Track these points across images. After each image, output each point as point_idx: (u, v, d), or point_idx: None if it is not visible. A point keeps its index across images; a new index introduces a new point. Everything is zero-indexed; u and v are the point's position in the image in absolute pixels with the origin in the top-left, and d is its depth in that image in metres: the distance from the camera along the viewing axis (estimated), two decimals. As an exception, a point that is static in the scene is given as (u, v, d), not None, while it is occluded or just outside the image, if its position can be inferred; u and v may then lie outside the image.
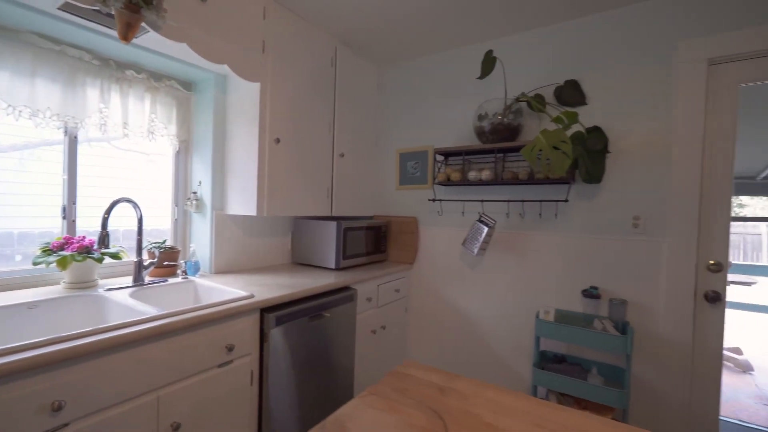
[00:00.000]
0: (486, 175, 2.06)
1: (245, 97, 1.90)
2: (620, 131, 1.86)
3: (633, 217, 1.83)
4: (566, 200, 1.93)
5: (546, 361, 1.98)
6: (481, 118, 2.06)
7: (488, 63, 1.93)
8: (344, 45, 2.34)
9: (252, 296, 1.51)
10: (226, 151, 2.01)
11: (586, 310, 1.94)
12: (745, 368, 3.09)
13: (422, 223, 2.51)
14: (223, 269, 2.01)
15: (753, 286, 3.24)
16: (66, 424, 0.96)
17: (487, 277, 2.25)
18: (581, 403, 1.79)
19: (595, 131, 1.84)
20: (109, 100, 1.70)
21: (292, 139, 2.00)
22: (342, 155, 2.33)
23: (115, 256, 1.60)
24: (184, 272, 1.80)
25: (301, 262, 2.36)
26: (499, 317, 2.21)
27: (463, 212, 2.31)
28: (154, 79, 1.86)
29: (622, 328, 1.77)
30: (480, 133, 2.08)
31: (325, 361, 1.82)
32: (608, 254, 1.89)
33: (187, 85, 2.03)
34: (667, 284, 1.75)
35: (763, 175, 3.36)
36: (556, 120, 1.59)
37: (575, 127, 1.87)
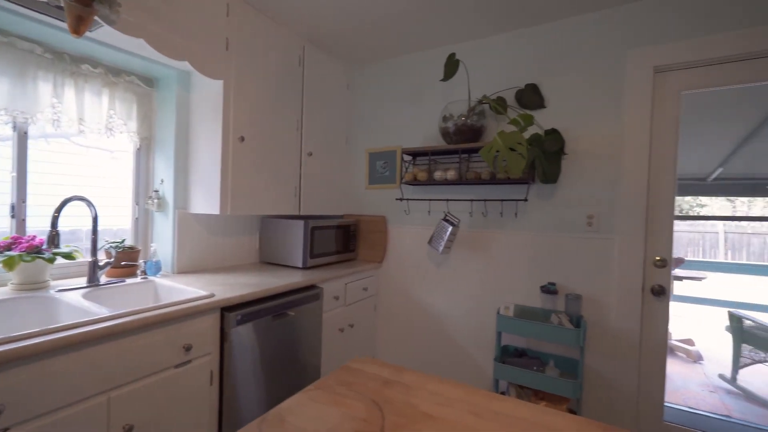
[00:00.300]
0: (451, 174, 2.11)
1: (209, 94, 1.88)
2: (576, 134, 1.95)
3: (587, 215, 1.92)
4: (525, 200, 2.01)
5: (508, 355, 2.05)
6: (445, 119, 2.11)
7: (451, 66, 1.98)
8: (312, 44, 2.34)
9: (212, 295, 1.49)
10: (189, 149, 1.98)
11: (545, 305, 2.02)
12: (696, 358, 3.28)
13: (391, 222, 2.55)
14: (186, 269, 1.98)
15: (703, 280, 3.45)
16: (6, 429, 0.93)
17: (453, 275, 2.30)
18: (539, 394, 1.87)
19: (553, 133, 1.92)
20: (63, 94, 1.64)
21: (257, 138, 1.99)
22: (310, 154, 2.33)
23: (68, 256, 1.55)
24: (144, 272, 1.76)
25: (269, 261, 2.35)
26: (464, 314, 2.27)
27: (429, 211, 2.36)
28: (113, 74, 1.81)
29: (577, 321, 1.86)
30: (445, 134, 2.13)
31: (290, 359, 1.82)
32: (565, 251, 1.98)
33: (149, 81, 1.98)
34: (618, 279, 1.85)
35: (713, 176, 3.58)
36: (513, 122, 1.66)
37: (534, 129, 1.95)
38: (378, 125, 2.61)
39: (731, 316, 2.74)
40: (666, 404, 1.93)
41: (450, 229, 2.10)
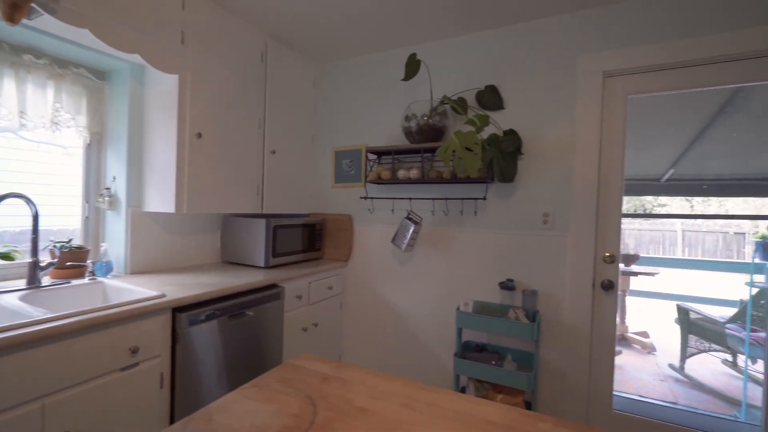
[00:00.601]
0: (414, 174, 2.14)
1: (164, 89, 1.82)
2: (533, 135, 2.02)
3: (543, 214, 1.99)
4: (484, 198, 2.06)
5: (469, 350, 2.09)
6: (408, 119, 2.13)
7: (412, 66, 2.00)
8: (276, 40, 2.31)
9: (162, 296, 1.45)
10: (144, 145, 1.91)
11: (504, 301, 2.08)
12: (650, 349, 3.46)
13: (357, 221, 2.55)
14: (141, 269, 1.91)
15: (656, 276, 3.65)
16: None
17: (417, 273, 2.33)
18: (497, 388, 1.92)
19: (511, 134, 1.98)
20: (1, 86, 1.55)
21: (216, 135, 1.95)
22: (273, 152, 2.30)
23: (6, 256, 1.46)
24: (92, 273, 1.69)
25: (230, 260, 2.30)
26: (428, 311, 2.30)
27: (393, 210, 2.38)
28: (59, 65, 1.72)
29: (533, 316, 1.92)
30: (408, 133, 2.15)
31: (250, 359, 1.79)
32: (523, 248, 2.04)
33: (99, 74, 1.90)
34: (571, 275, 1.93)
35: (666, 177, 3.78)
36: (470, 122, 1.70)
37: (492, 129, 2.00)
38: (344, 124, 2.61)
39: (679, 308, 2.90)
40: (616, 393, 2.03)
41: (412, 227, 2.12)
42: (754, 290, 2.28)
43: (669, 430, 1.81)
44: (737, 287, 2.96)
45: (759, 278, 2.34)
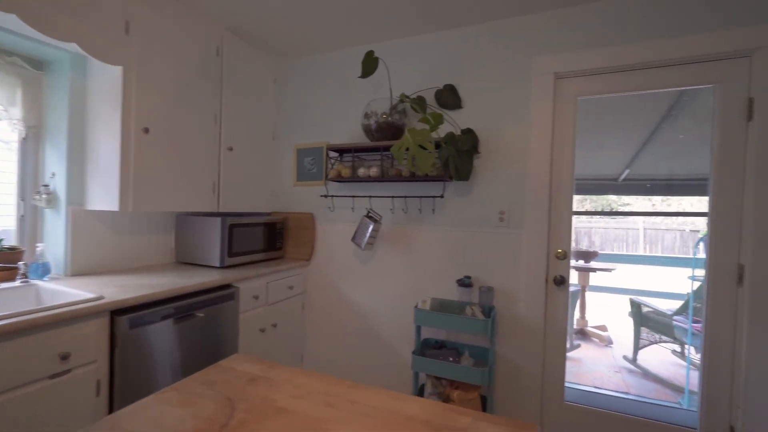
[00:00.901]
0: (374, 172, 2.13)
1: (107, 81, 1.74)
2: (490, 134, 2.05)
3: (499, 212, 2.03)
4: (442, 196, 2.07)
5: (428, 348, 2.11)
6: (367, 116, 2.12)
7: (369, 63, 1.99)
8: (233, 34, 2.25)
9: (100, 298, 1.38)
10: (86, 139, 1.82)
11: (462, 298, 2.10)
12: (608, 342, 3.60)
13: (319, 220, 2.52)
14: (83, 271, 1.82)
15: (613, 271, 3.80)
16: None
17: (378, 272, 2.33)
18: (454, 384, 1.94)
19: (468, 133, 2.01)
20: None
21: (166, 130, 1.87)
22: (230, 149, 2.23)
23: None
24: (25, 275, 1.59)
25: (185, 261, 2.22)
26: (389, 309, 2.30)
27: (353, 208, 2.36)
28: (-12, 53, 1.61)
29: (489, 312, 1.95)
30: (367, 131, 2.14)
31: (202, 362, 1.73)
32: (480, 246, 2.07)
33: (37, 64, 1.79)
34: (526, 271, 1.97)
35: (623, 177, 3.94)
36: (424, 120, 1.70)
37: (449, 128, 2.02)
38: (307, 121, 2.57)
39: (632, 302, 3.03)
40: (569, 386, 2.09)
41: (372, 225, 2.12)
42: (696, 284, 2.41)
43: (616, 419, 1.89)
44: (685, 281, 3.12)
45: (701, 272, 2.47)
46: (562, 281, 1.95)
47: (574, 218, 1.97)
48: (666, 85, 1.76)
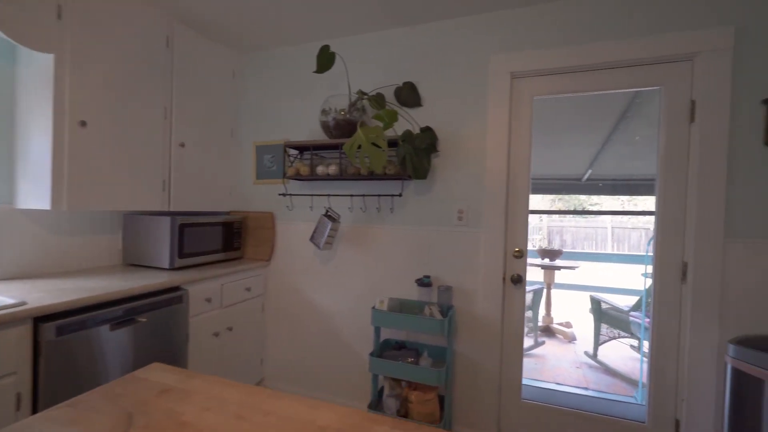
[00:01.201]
0: (333, 170, 2.08)
1: (38, 70, 1.61)
2: (449, 133, 2.04)
3: (458, 210, 2.02)
4: (400, 195, 2.05)
5: (388, 348, 2.08)
6: (325, 113, 2.07)
7: (324, 57, 1.94)
8: (185, 25, 2.14)
9: (22, 303, 1.27)
10: (15, 132, 1.69)
11: (421, 297, 2.09)
12: (571, 338, 3.68)
13: (279, 219, 2.45)
14: (12, 274, 1.69)
15: (576, 269, 3.90)
16: None
17: (338, 271, 2.28)
18: (412, 385, 1.92)
19: (427, 131, 1.99)
20: None
21: (107, 124, 1.76)
22: (182, 145, 2.13)
23: None
24: (-60, 280, 1.45)
25: (133, 263, 2.11)
26: (350, 309, 2.26)
27: (311, 207, 2.31)
28: None
29: (447, 311, 1.94)
30: (325, 128, 2.09)
31: (142, 371, 1.64)
32: (439, 245, 2.06)
33: (-42, 50, 1.65)
34: (484, 270, 1.97)
35: (586, 177, 4.04)
36: (377, 118, 1.67)
37: (407, 126, 2.00)
38: (267, 117, 2.49)
39: (592, 299, 3.11)
40: (528, 383, 2.11)
41: (330, 224, 2.07)
42: (648, 281, 2.48)
43: (571, 415, 1.91)
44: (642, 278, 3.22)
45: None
46: (519, 280, 1.96)
47: (546, 218, 1.99)
48: (616, 86, 1.80)
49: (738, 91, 1.58)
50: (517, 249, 1.97)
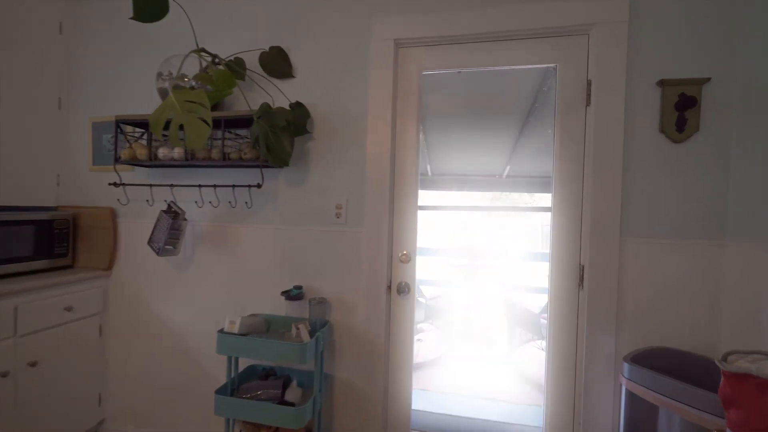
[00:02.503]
0: (178, 153, 1.62)
1: None
2: (326, 111, 1.67)
3: (336, 205, 1.66)
4: (259, 186, 1.64)
5: (253, 377, 1.67)
6: (162, 77, 1.60)
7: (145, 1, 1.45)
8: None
9: None
10: None
11: (292, 313, 1.70)
12: (490, 343, 3.51)
13: (122, 216, 1.92)
14: None
15: (499, 269, 3.77)
16: None
17: (198, 281, 1.82)
18: (272, 427, 1.52)
19: (298, 107, 1.61)
20: None
21: None
22: (-43, 114, 1.54)
23: None
24: None
25: None
26: (210, 327, 1.81)
27: (149, 200, 1.81)
28: None
29: (322, 328, 1.57)
30: (164, 97, 1.62)
31: None
32: (314, 247, 1.69)
33: None
34: (366, 277, 1.63)
35: (506, 173, 3.91)
36: (201, 79, 1.25)
37: (265, 98, 1.60)
38: (109, 86, 1.95)
39: (506, 302, 2.94)
40: (419, 409, 1.82)
41: (170, 222, 1.61)
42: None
43: (464, 443, 1.64)
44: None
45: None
46: (406, 289, 1.65)
47: (468, 215, 1.68)
48: (511, 62, 1.54)
49: (633, 70, 1.39)
50: (404, 252, 1.65)
